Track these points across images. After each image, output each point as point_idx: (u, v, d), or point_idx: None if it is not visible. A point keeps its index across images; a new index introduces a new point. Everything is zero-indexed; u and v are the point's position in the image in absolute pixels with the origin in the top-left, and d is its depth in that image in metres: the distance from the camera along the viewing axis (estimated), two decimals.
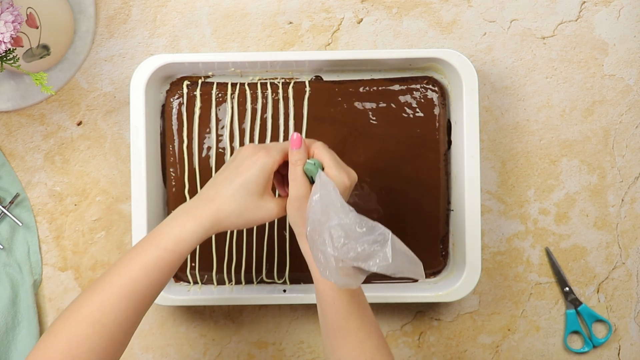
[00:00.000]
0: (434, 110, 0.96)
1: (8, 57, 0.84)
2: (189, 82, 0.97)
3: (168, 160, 0.97)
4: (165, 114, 0.97)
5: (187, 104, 0.96)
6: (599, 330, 1.01)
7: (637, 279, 1.00)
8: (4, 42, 0.82)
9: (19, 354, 0.97)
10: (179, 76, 0.98)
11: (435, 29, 1.00)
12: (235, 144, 0.96)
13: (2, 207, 0.99)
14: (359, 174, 0.96)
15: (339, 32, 1.00)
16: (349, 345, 0.77)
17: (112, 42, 1.00)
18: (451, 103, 0.96)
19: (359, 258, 0.70)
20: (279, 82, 0.97)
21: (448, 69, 0.94)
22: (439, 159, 0.96)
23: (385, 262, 0.70)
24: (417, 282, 0.98)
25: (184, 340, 1.01)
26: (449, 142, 0.97)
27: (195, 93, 0.96)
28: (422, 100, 0.96)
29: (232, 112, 0.96)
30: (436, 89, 0.96)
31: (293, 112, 0.96)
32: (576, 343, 1.01)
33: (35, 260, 1.00)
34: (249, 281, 0.98)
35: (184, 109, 0.96)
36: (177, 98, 0.97)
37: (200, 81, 0.97)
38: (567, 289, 1.00)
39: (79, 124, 1.01)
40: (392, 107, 0.96)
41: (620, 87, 1.00)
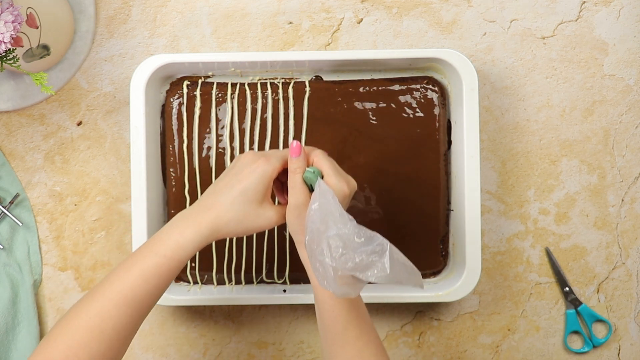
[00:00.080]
0: (434, 110, 0.96)
1: (8, 57, 0.84)
2: (189, 82, 0.97)
3: (168, 160, 0.97)
4: (165, 114, 0.97)
5: (187, 104, 0.96)
6: (599, 330, 1.01)
7: (637, 279, 1.00)
8: (4, 42, 0.82)
9: (19, 354, 0.97)
10: (179, 76, 0.98)
11: (435, 29, 1.00)
12: (235, 144, 0.96)
13: (2, 207, 0.99)
14: (359, 174, 0.96)
15: (339, 32, 1.00)
16: (348, 353, 0.77)
17: (112, 42, 1.00)
18: (451, 103, 0.97)
19: (357, 268, 0.70)
20: (279, 82, 0.97)
21: (448, 69, 0.94)
22: (439, 159, 0.96)
23: (384, 272, 0.70)
24: None
25: (184, 340, 1.01)
26: (449, 142, 0.97)
27: (195, 93, 0.96)
28: (422, 100, 0.96)
29: (232, 112, 0.96)
30: (436, 89, 0.96)
31: (293, 112, 0.96)
32: (576, 343, 1.01)
33: (35, 260, 1.00)
34: (249, 281, 0.98)
35: (184, 109, 0.96)
36: (177, 98, 0.97)
37: (200, 81, 0.97)
38: (567, 289, 1.00)
39: (79, 124, 1.01)
40: (392, 107, 0.96)
41: (620, 87, 1.00)
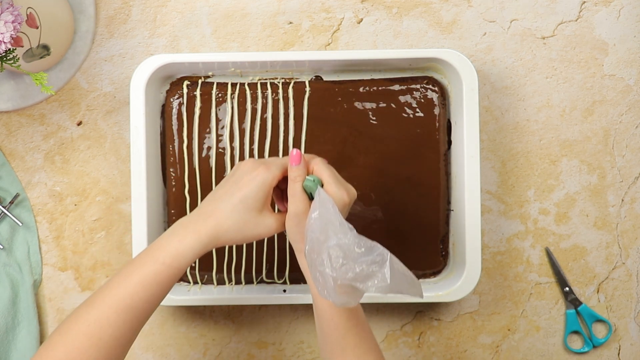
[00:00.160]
0: (434, 110, 0.96)
1: (8, 57, 0.84)
2: (189, 82, 0.97)
3: (168, 160, 0.97)
4: (165, 114, 0.97)
5: (187, 104, 0.96)
6: (599, 330, 1.01)
7: (637, 279, 1.01)
8: (4, 42, 0.82)
9: (19, 354, 0.97)
10: (179, 76, 0.98)
11: (435, 29, 1.00)
12: (235, 144, 0.96)
13: (2, 207, 0.99)
14: (358, 174, 0.96)
15: (339, 32, 1.00)
16: None
17: (112, 42, 1.00)
18: (451, 103, 0.97)
19: (358, 279, 0.70)
20: (279, 82, 0.97)
21: (448, 69, 0.94)
22: (439, 159, 0.96)
23: (384, 282, 0.70)
24: None
25: (184, 340, 1.01)
26: (449, 142, 0.97)
27: (195, 93, 0.96)
28: (422, 100, 0.96)
29: (232, 112, 0.96)
30: (436, 89, 0.96)
31: (293, 112, 0.96)
32: (576, 343, 1.01)
33: (35, 260, 1.00)
34: (249, 281, 0.98)
35: (184, 109, 0.96)
36: (177, 98, 0.97)
37: (200, 81, 0.97)
38: (567, 289, 1.00)
39: (79, 124, 1.01)
40: (392, 107, 0.96)
41: (620, 87, 1.00)
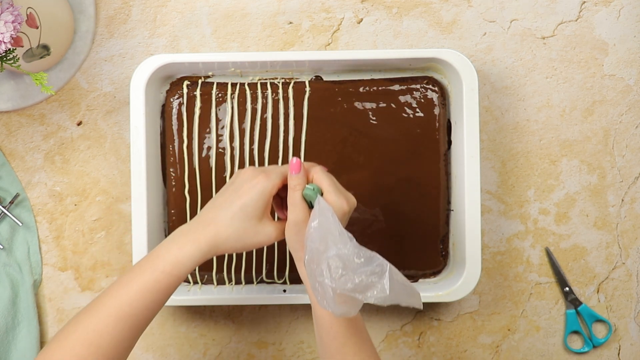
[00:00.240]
0: (434, 110, 0.96)
1: (8, 57, 0.84)
2: (189, 82, 0.97)
3: (168, 160, 0.97)
4: (165, 114, 0.97)
5: (187, 104, 0.96)
6: (599, 330, 1.01)
7: (637, 279, 1.01)
8: (4, 42, 0.82)
9: (19, 354, 0.97)
10: (179, 76, 0.98)
11: (435, 29, 1.00)
12: (235, 144, 0.96)
13: (2, 207, 0.99)
14: (358, 174, 0.96)
15: (339, 32, 1.00)
16: None
17: (112, 42, 1.00)
18: (451, 103, 0.96)
19: (357, 289, 0.70)
20: (279, 82, 0.97)
21: (448, 69, 0.94)
22: (439, 159, 0.96)
23: (383, 293, 0.70)
24: (417, 281, 0.98)
25: (184, 340, 1.01)
26: (449, 142, 0.97)
27: (195, 93, 0.96)
28: (422, 100, 0.96)
29: (232, 112, 0.96)
30: (436, 89, 0.96)
31: (293, 112, 0.96)
32: (576, 343, 1.01)
33: (35, 260, 1.00)
34: (249, 281, 0.98)
35: (184, 109, 0.96)
36: (177, 98, 0.97)
37: (200, 81, 0.97)
38: (567, 289, 1.00)
39: (79, 124, 1.01)
40: (392, 107, 0.96)
41: (620, 87, 1.00)
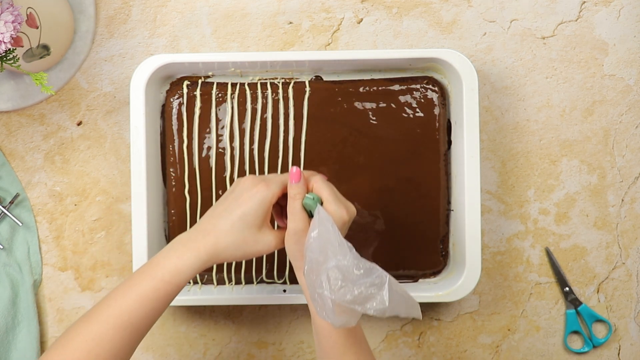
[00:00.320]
0: (434, 110, 0.96)
1: (8, 57, 0.84)
2: (189, 82, 0.97)
3: (168, 160, 0.97)
4: (165, 114, 0.97)
5: (187, 104, 0.96)
6: (599, 330, 1.01)
7: (637, 279, 1.01)
8: (4, 42, 0.82)
9: (19, 354, 0.97)
10: (179, 76, 0.98)
11: (435, 29, 1.00)
12: (235, 144, 0.96)
13: (2, 207, 0.99)
14: (358, 174, 0.96)
15: (339, 32, 1.00)
16: None
17: (112, 42, 1.00)
18: (451, 103, 0.97)
19: (356, 301, 0.70)
20: (279, 82, 0.97)
21: (448, 69, 0.94)
22: (439, 159, 0.96)
23: (382, 305, 0.70)
24: (417, 281, 0.98)
25: (184, 340, 1.01)
26: (449, 142, 0.97)
27: (195, 93, 0.96)
28: (422, 100, 0.96)
29: (232, 112, 0.96)
30: (436, 89, 0.96)
31: (293, 112, 0.96)
32: (576, 343, 1.01)
33: (35, 260, 1.00)
34: (249, 281, 0.98)
35: (184, 109, 0.96)
36: (177, 98, 0.97)
37: (200, 81, 0.97)
38: (567, 289, 1.00)
39: (79, 124, 1.01)
40: (392, 107, 0.96)
41: (620, 87, 1.00)
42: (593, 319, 1.00)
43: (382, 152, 0.96)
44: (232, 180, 0.96)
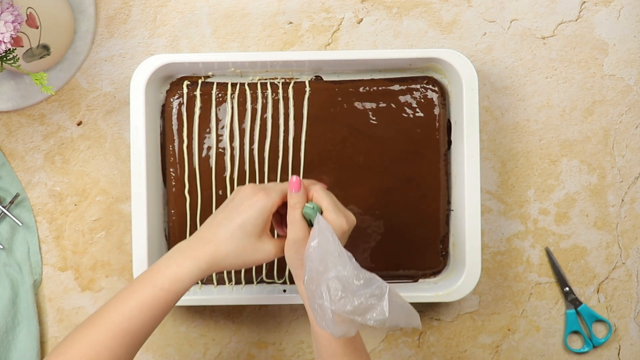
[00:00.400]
0: (434, 110, 0.96)
1: (8, 57, 0.84)
2: (189, 82, 0.97)
3: (168, 160, 0.97)
4: (165, 114, 0.97)
5: (187, 104, 0.96)
6: (599, 330, 1.01)
7: (637, 279, 1.01)
8: (4, 42, 0.82)
9: (19, 354, 0.97)
10: (179, 76, 0.98)
11: (435, 29, 1.00)
12: (235, 144, 0.96)
13: (2, 207, 0.99)
14: (359, 174, 0.96)
15: (339, 32, 1.00)
16: None
17: (112, 42, 1.00)
18: (451, 103, 0.97)
19: (356, 312, 0.70)
20: (279, 82, 0.97)
21: (448, 69, 0.94)
22: (439, 159, 0.96)
23: (382, 316, 0.70)
24: (417, 281, 0.98)
25: (184, 340, 1.01)
26: (449, 142, 0.97)
27: (195, 93, 0.96)
28: (422, 100, 0.96)
29: (232, 112, 0.96)
30: (436, 89, 0.96)
31: (293, 112, 0.96)
32: (576, 343, 1.01)
33: (35, 260, 1.00)
34: (249, 281, 0.98)
35: (184, 109, 0.96)
36: (177, 98, 0.97)
37: (200, 81, 0.97)
38: (567, 289, 1.00)
39: (79, 124, 1.01)
40: (392, 107, 0.96)
41: (620, 87, 1.00)
42: (593, 319, 1.00)
43: (382, 152, 0.96)
44: (232, 180, 0.96)
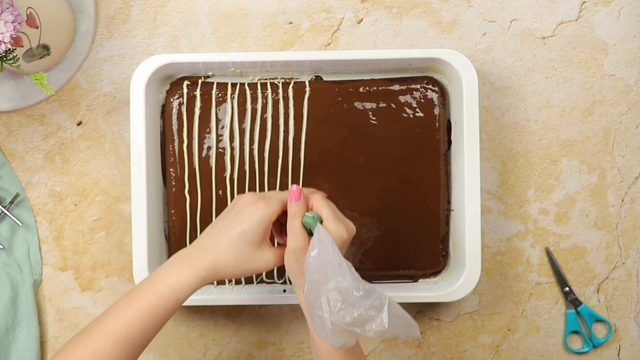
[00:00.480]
0: (434, 110, 0.96)
1: (8, 57, 0.84)
2: (189, 82, 0.97)
3: (168, 160, 0.97)
4: (165, 114, 0.97)
5: (187, 104, 0.96)
6: (599, 330, 1.01)
7: (637, 279, 1.01)
8: (4, 42, 0.82)
9: (19, 354, 0.97)
10: (179, 76, 0.98)
11: (435, 29, 1.00)
12: (235, 144, 0.96)
13: (2, 207, 0.99)
14: (358, 174, 0.96)
15: (339, 32, 1.00)
16: None
17: (112, 42, 1.00)
18: (451, 103, 0.97)
19: (356, 323, 0.70)
20: (279, 82, 0.97)
21: (448, 69, 0.94)
22: (439, 159, 0.96)
23: (382, 327, 0.70)
24: (417, 281, 0.98)
25: (184, 340, 1.01)
26: (449, 142, 0.97)
27: (195, 93, 0.96)
28: (422, 100, 0.96)
29: (232, 112, 0.96)
30: (436, 89, 0.96)
31: (293, 112, 0.96)
32: (576, 343, 1.01)
33: (35, 260, 1.00)
34: (249, 281, 0.98)
35: (184, 109, 0.96)
36: (177, 98, 0.97)
37: (200, 81, 0.97)
38: (567, 289, 1.00)
39: (79, 124, 1.01)
40: (392, 107, 0.96)
41: (620, 87, 1.00)
42: (593, 319, 1.00)
43: (382, 152, 0.96)
44: (232, 180, 0.96)
